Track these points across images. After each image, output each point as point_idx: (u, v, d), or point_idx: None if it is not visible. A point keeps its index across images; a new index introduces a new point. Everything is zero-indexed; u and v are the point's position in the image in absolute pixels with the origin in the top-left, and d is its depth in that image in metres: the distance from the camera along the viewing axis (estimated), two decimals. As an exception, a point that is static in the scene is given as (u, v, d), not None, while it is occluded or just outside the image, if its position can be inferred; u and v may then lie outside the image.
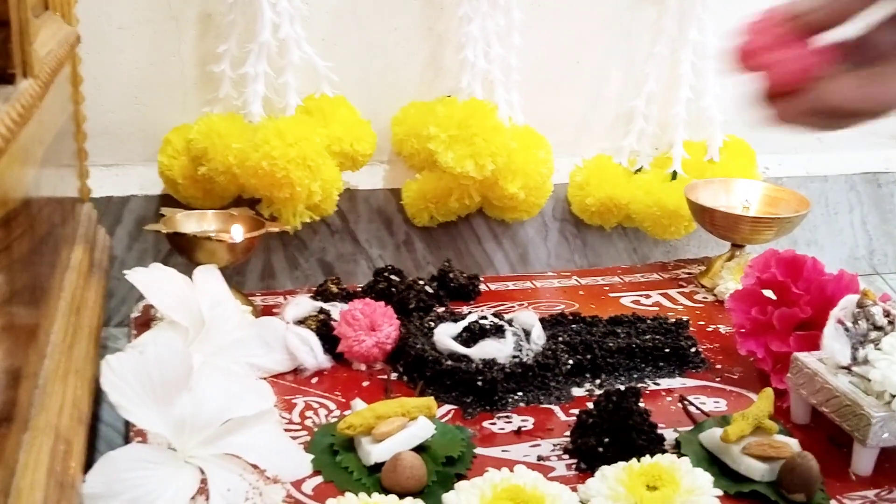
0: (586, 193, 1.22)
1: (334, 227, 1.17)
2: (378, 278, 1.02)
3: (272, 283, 1.16)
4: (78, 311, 0.76)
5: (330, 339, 0.90)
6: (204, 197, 1.08)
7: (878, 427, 0.73)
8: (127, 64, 1.09)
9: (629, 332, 0.95)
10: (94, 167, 1.07)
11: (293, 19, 1.06)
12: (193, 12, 1.09)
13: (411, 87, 1.19)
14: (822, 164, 1.42)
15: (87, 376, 0.71)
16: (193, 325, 0.82)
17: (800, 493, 0.70)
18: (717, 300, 1.10)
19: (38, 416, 0.56)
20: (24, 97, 0.55)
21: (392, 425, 0.72)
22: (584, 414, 0.77)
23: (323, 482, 0.71)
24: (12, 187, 0.52)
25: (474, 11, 1.12)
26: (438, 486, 0.70)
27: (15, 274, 0.52)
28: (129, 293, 1.09)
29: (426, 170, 1.15)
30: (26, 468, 0.50)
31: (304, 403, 0.83)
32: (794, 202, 1.14)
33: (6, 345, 0.49)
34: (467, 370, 0.83)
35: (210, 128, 1.03)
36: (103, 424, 0.86)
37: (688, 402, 0.86)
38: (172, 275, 0.84)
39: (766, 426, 0.75)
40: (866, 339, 0.77)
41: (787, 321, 0.87)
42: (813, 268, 0.89)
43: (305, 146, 1.01)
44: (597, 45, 1.26)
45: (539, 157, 1.15)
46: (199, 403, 0.67)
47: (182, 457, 0.66)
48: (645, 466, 0.69)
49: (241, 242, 0.93)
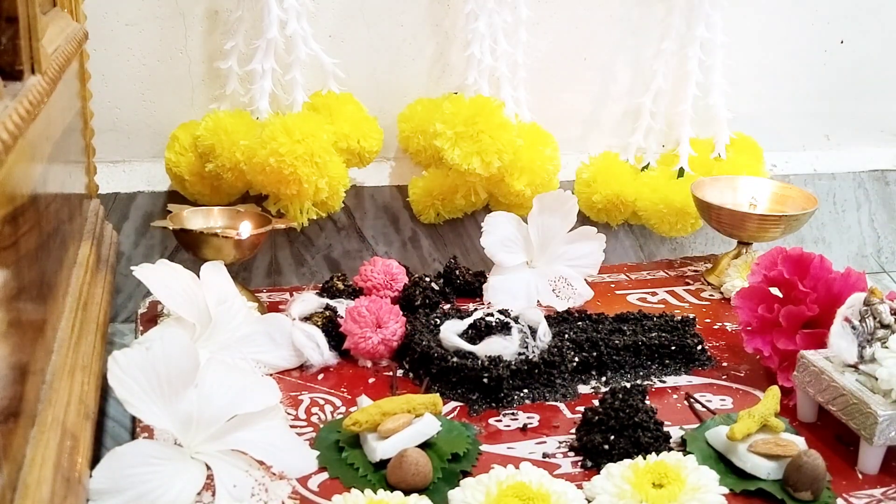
0: (593, 190, 1.22)
1: (341, 224, 1.18)
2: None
3: (278, 280, 1.16)
4: (85, 307, 0.76)
5: (336, 336, 0.91)
6: (211, 193, 1.08)
7: (885, 425, 0.73)
8: (134, 60, 1.09)
9: (635, 329, 0.95)
10: (101, 163, 1.07)
11: (300, 16, 1.06)
12: (201, 9, 1.09)
13: (418, 84, 1.19)
14: (830, 161, 1.42)
15: (93, 372, 0.71)
16: (200, 322, 0.82)
17: (806, 491, 0.70)
18: (724, 298, 1.10)
19: (45, 411, 0.56)
20: (32, 94, 0.55)
21: (398, 422, 0.73)
22: (589, 411, 0.77)
23: (329, 478, 0.71)
24: (20, 183, 0.53)
25: (481, 8, 1.12)
26: (444, 483, 0.70)
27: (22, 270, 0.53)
28: (136, 289, 1.09)
29: (433, 167, 1.15)
30: (33, 463, 0.50)
31: (309, 400, 0.83)
32: (802, 200, 1.13)
33: (13, 340, 0.49)
34: (473, 367, 0.84)
35: (217, 124, 1.04)
36: (110, 420, 0.87)
37: (694, 400, 0.86)
38: (179, 271, 0.84)
39: (773, 424, 0.75)
40: (873, 337, 0.77)
41: (794, 319, 0.87)
42: (820, 265, 0.88)
43: (312, 143, 1.01)
44: (604, 42, 1.26)
45: (545, 154, 1.14)
46: (206, 399, 0.67)
47: (188, 453, 0.67)
48: (651, 464, 0.69)
49: (247, 239, 0.93)
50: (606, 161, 1.24)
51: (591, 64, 1.27)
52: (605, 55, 1.27)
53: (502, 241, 1.02)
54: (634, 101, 1.26)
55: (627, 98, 1.28)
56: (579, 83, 1.27)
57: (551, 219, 1.04)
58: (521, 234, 1.03)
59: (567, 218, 1.05)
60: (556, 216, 1.04)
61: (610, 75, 1.28)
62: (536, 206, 1.03)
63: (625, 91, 1.28)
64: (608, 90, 1.29)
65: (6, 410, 0.46)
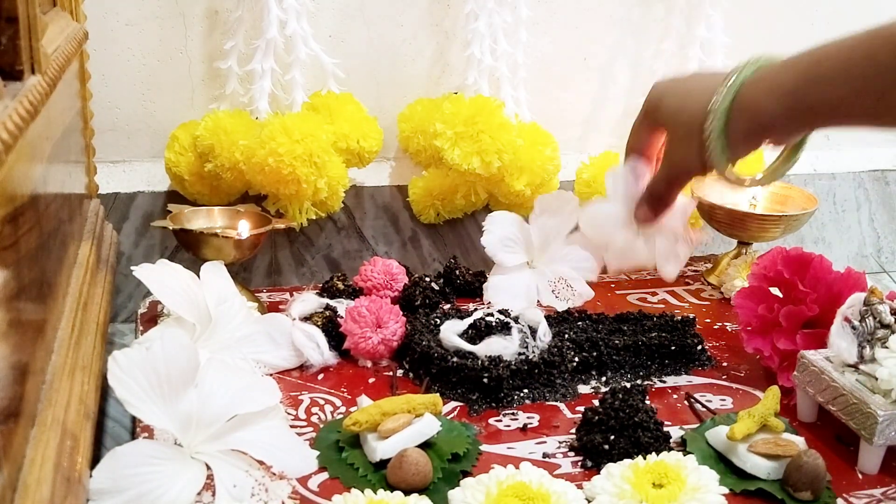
0: (593, 190, 1.22)
1: (340, 224, 1.18)
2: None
3: (278, 280, 1.16)
4: (85, 307, 0.76)
5: (336, 336, 0.91)
6: (211, 193, 1.08)
7: (885, 425, 0.73)
8: (134, 60, 1.09)
9: (635, 329, 0.95)
10: (101, 163, 1.07)
11: (300, 16, 1.06)
12: (200, 9, 1.09)
13: (418, 84, 1.19)
14: (830, 161, 1.41)
15: (93, 372, 0.71)
16: (200, 322, 0.82)
17: (806, 491, 0.70)
18: (724, 298, 1.10)
19: (46, 411, 0.56)
20: (32, 94, 0.55)
21: (398, 422, 0.73)
22: (589, 411, 0.77)
23: (329, 478, 0.71)
24: (20, 183, 0.53)
25: (481, 8, 1.12)
26: (444, 483, 0.70)
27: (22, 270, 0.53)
28: (136, 289, 1.09)
29: (432, 167, 1.15)
30: (33, 463, 0.50)
31: (309, 400, 0.83)
32: (802, 200, 1.13)
33: (13, 340, 0.49)
34: (473, 367, 0.84)
35: (217, 124, 1.04)
36: (110, 420, 0.87)
37: (694, 400, 0.86)
38: (179, 271, 0.84)
39: (773, 424, 0.75)
40: (873, 337, 0.77)
41: (794, 319, 0.87)
42: (820, 265, 0.88)
43: (312, 143, 1.01)
44: (604, 42, 1.26)
45: (545, 154, 1.14)
46: (206, 399, 0.67)
47: (188, 453, 0.67)
48: (651, 464, 0.69)
49: (247, 239, 0.93)
50: (606, 161, 1.24)
51: (592, 64, 1.27)
52: (605, 55, 1.27)
53: (503, 241, 1.01)
54: (635, 101, 1.26)
55: (627, 98, 1.28)
56: (579, 83, 1.27)
57: (552, 220, 1.04)
58: (522, 234, 1.03)
59: (568, 219, 1.05)
60: (557, 217, 1.04)
61: (610, 75, 1.28)
62: (538, 206, 1.02)
63: (625, 91, 1.28)
64: (608, 90, 1.29)
65: (6, 410, 0.46)
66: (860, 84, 0.64)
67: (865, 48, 0.65)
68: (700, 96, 0.73)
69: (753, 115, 0.70)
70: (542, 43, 1.22)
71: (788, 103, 0.68)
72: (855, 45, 0.65)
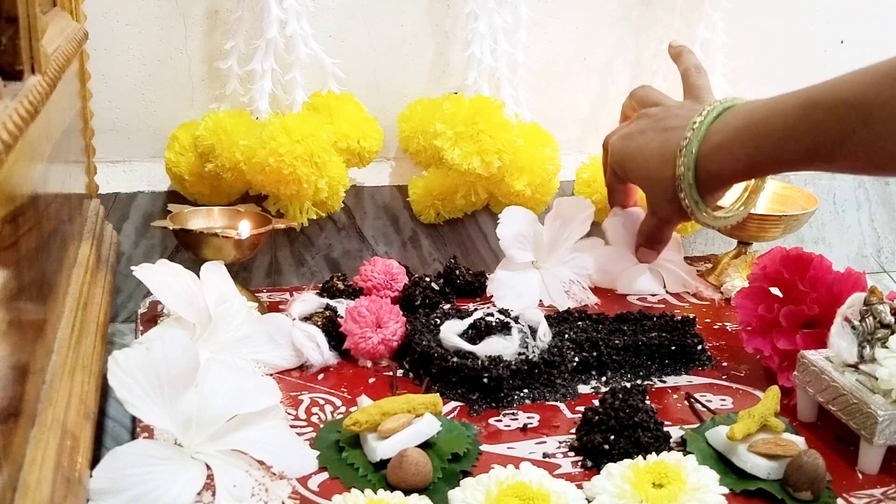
0: (593, 190, 1.22)
1: (340, 224, 1.18)
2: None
3: (278, 280, 1.16)
4: (85, 307, 0.76)
5: (336, 336, 0.91)
6: (211, 193, 1.08)
7: (885, 425, 0.73)
8: (134, 60, 1.09)
9: (635, 329, 0.95)
10: (101, 163, 1.07)
11: (300, 16, 1.06)
12: (200, 9, 1.09)
13: (418, 84, 1.19)
14: (830, 161, 1.41)
15: (93, 372, 0.71)
16: (200, 322, 0.82)
17: (806, 490, 0.70)
18: (724, 298, 1.10)
19: (45, 411, 0.56)
20: (32, 94, 0.55)
21: (398, 422, 0.73)
22: (589, 411, 0.77)
23: (329, 478, 0.71)
24: (20, 184, 0.53)
25: (481, 8, 1.12)
26: (444, 483, 0.70)
27: (22, 270, 0.53)
28: (136, 289, 1.10)
29: (432, 167, 1.15)
30: (33, 463, 0.50)
31: (309, 400, 0.83)
32: (802, 199, 1.13)
33: (13, 340, 0.49)
34: (473, 367, 0.84)
35: (217, 124, 1.04)
36: (110, 420, 0.87)
37: (694, 400, 0.86)
38: (179, 271, 0.84)
39: (773, 424, 0.75)
40: (873, 337, 0.77)
41: (794, 319, 0.87)
42: (820, 265, 0.88)
43: (312, 143, 1.01)
44: (604, 42, 1.26)
45: (546, 154, 1.14)
46: (206, 399, 0.67)
47: (188, 453, 0.67)
48: (651, 464, 0.69)
49: (247, 239, 0.93)
50: (606, 161, 1.24)
51: (592, 64, 1.27)
52: (605, 55, 1.27)
53: (517, 237, 1.02)
54: (634, 101, 1.26)
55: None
56: (579, 83, 1.27)
57: (566, 224, 1.04)
58: (534, 233, 1.03)
59: (581, 226, 1.05)
60: (571, 222, 1.05)
61: (610, 75, 1.28)
62: (556, 209, 1.03)
63: (625, 91, 1.27)
64: (608, 90, 1.29)
65: (6, 410, 0.46)
66: (809, 150, 0.79)
67: (808, 118, 0.79)
68: (661, 165, 0.93)
69: (717, 177, 0.90)
70: (542, 43, 1.22)
71: (744, 168, 0.88)
72: (800, 115, 0.79)
